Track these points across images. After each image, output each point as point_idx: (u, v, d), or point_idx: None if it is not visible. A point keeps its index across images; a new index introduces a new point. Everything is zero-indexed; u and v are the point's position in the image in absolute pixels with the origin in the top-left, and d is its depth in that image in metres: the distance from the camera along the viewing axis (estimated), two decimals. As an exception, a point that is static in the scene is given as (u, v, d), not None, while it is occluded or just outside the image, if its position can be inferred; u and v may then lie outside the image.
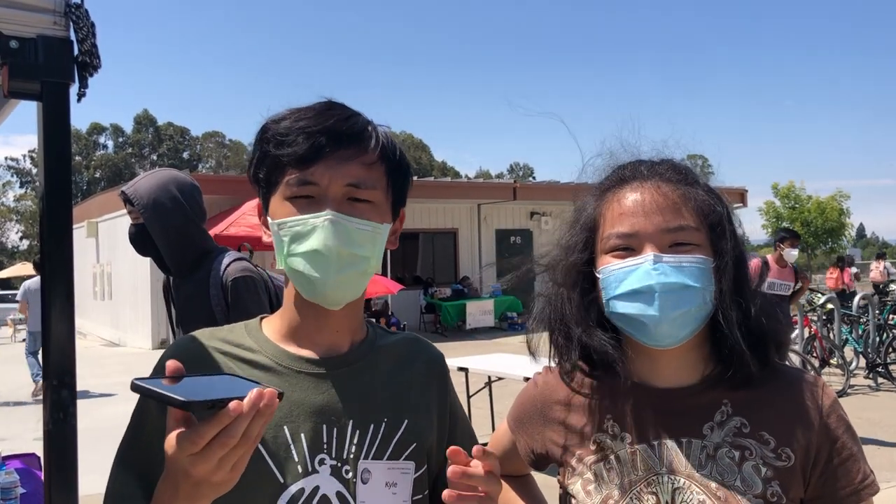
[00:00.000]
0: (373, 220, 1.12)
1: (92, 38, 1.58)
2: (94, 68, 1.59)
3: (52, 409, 1.47)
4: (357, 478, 1.10)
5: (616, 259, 1.15)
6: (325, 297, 1.11)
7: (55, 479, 1.48)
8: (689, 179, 1.18)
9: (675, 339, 1.13)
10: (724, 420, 1.14)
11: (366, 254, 1.11)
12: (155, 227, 2.68)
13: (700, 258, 1.12)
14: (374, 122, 1.16)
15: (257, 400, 0.81)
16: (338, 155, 1.09)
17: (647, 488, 1.14)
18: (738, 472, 1.10)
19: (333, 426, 1.11)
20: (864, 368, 10.11)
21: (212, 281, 2.62)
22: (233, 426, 0.80)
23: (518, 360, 7.40)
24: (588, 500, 1.18)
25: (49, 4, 1.53)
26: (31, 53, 1.50)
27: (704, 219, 1.15)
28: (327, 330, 1.18)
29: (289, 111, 1.13)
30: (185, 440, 0.80)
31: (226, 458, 0.81)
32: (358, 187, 1.10)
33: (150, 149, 72.55)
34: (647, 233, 1.13)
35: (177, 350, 1.16)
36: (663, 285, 1.10)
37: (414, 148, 76.54)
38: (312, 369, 1.14)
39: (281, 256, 1.12)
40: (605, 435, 1.20)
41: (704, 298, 1.12)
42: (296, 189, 1.10)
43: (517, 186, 19.72)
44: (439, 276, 19.12)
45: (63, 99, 1.54)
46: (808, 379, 1.19)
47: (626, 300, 1.13)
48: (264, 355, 1.15)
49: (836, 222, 26.08)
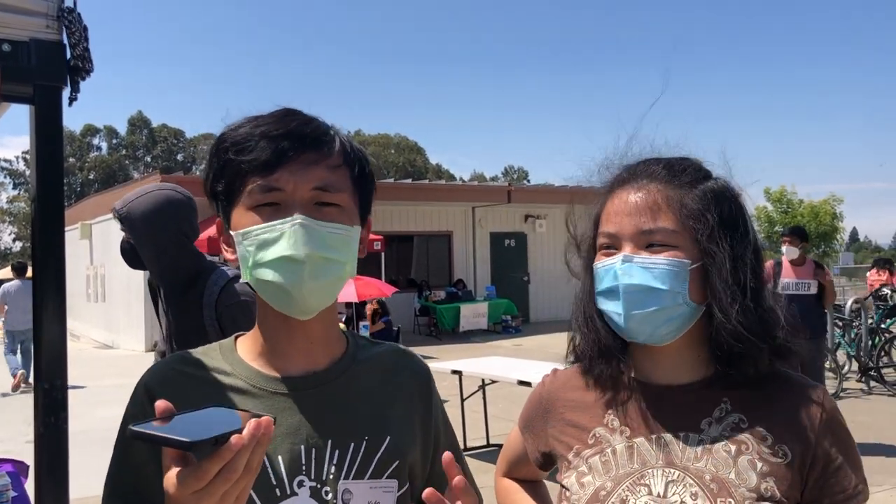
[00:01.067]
0: (343, 223, 1.08)
1: (84, 43, 1.58)
2: (87, 72, 1.59)
3: (43, 412, 1.47)
4: (338, 499, 1.07)
5: (603, 257, 1.19)
6: (298, 307, 1.07)
7: (46, 483, 1.47)
8: (681, 180, 1.19)
9: (652, 338, 1.15)
10: (722, 416, 1.15)
11: (341, 258, 1.07)
12: (146, 252, 2.65)
13: (672, 260, 1.13)
14: (335, 126, 1.14)
15: (256, 430, 0.80)
16: (302, 159, 1.05)
17: (640, 480, 1.14)
18: (733, 465, 1.10)
19: (312, 447, 1.08)
20: (857, 372, 10.14)
21: (205, 302, 2.58)
22: (235, 460, 0.79)
23: (512, 362, 7.41)
24: (581, 491, 1.18)
25: (42, 8, 1.54)
26: (23, 57, 1.51)
27: (688, 220, 1.15)
28: (301, 343, 1.14)
29: (246, 119, 1.09)
30: (190, 477, 0.79)
31: (229, 492, 0.81)
32: (325, 190, 1.07)
33: (144, 150, 72.37)
34: (626, 233, 1.16)
35: (152, 380, 1.12)
36: (626, 286, 1.13)
37: (409, 150, 76.52)
38: (288, 389, 1.11)
39: (246, 269, 1.07)
40: (605, 429, 1.22)
41: (675, 300, 1.13)
42: (259, 196, 1.05)
43: (512, 189, 19.69)
44: (434, 279, 19.11)
45: (55, 102, 1.55)
46: (810, 385, 1.19)
47: (604, 297, 1.18)
48: (238, 378, 1.12)
49: (829, 226, 26.14)
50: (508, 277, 20.06)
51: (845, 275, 27.50)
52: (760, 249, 1.21)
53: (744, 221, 1.19)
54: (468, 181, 42.72)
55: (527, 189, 21.06)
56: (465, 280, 19.26)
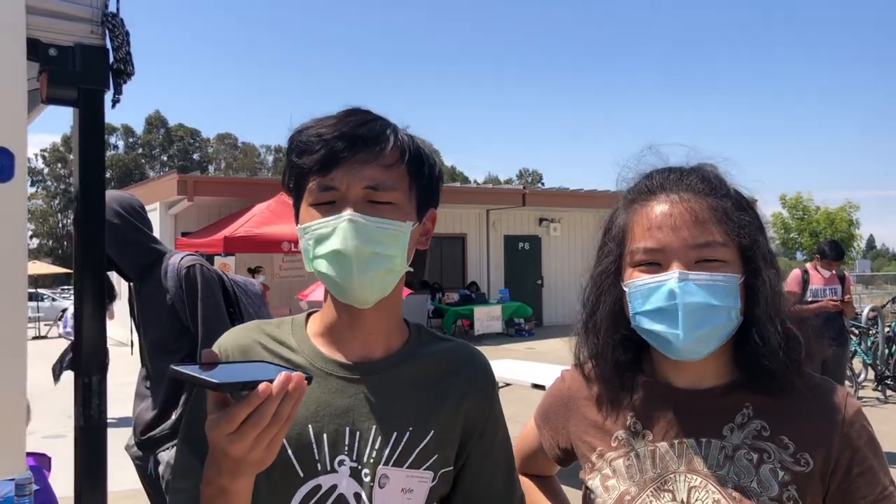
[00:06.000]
0: (396, 219, 1.13)
1: (127, 46, 1.64)
2: (129, 75, 1.65)
3: (83, 405, 1.52)
4: (375, 482, 1.12)
5: (642, 274, 1.15)
6: (352, 297, 1.13)
7: (85, 473, 1.52)
8: (718, 192, 1.16)
9: (699, 355, 1.14)
10: (744, 422, 1.15)
11: (389, 252, 1.13)
12: (109, 244, 2.77)
13: (726, 276, 1.11)
14: (395, 126, 1.18)
15: (285, 382, 0.88)
16: (355, 159, 1.11)
17: (664, 486, 1.15)
18: (755, 474, 1.10)
19: (356, 430, 1.14)
20: (873, 380, 10.07)
21: (169, 274, 2.81)
22: (263, 407, 0.87)
23: (526, 365, 7.41)
24: (606, 495, 1.20)
25: (86, 14, 1.59)
26: (68, 61, 1.56)
27: (733, 234, 1.13)
28: (360, 331, 1.20)
29: (312, 121, 1.16)
30: (222, 420, 0.88)
31: (260, 437, 0.88)
32: (376, 189, 1.12)
33: (160, 150, 72.88)
34: (673, 249, 1.12)
35: (226, 341, 1.21)
36: (687, 304, 1.09)
37: (423, 153, 76.33)
38: (342, 373, 1.18)
39: (308, 260, 1.15)
40: (627, 432, 1.22)
41: (730, 315, 1.12)
42: (318, 195, 1.13)
43: (526, 192, 19.68)
44: (447, 282, 19.12)
45: (98, 105, 1.59)
46: (833, 389, 1.18)
47: (651, 317, 1.13)
48: (301, 354, 1.19)
49: (846, 233, 25.93)
50: (522, 281, 20.03)
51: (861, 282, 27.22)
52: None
53: (765, 232, 1.19)
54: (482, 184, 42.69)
55: (541, 192, 21.04)
56: (479, 283, 19.25)
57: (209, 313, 2.76)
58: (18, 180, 1.26)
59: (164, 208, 16.11)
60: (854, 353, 10.12)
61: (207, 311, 2.75)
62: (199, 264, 2.86)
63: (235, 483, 0.94)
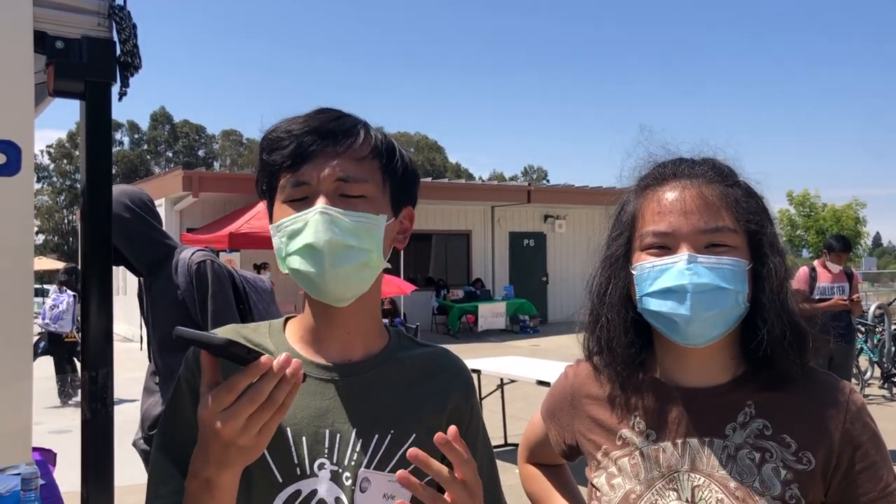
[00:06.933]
0: (367, 212, 1.11)
1: (134, 39, 1.63)
2: (136, 68, 1.64)
3: (90, 399, 1.52)
4: (356, 486, 1.09)
5: (651, 256, 1.16)
6: (327, 293, 1.11)
7: (92, 466, 1.52)
8: (729, 180, 1.18)
9: (705, 339, 1.14)
10: (746, 421, 1.15)
11: (364, 245, 1.10)
12: (118, 238, 2.77)
13: (735, 260, 1.13)
14: (366, 122, 1.17)
15: (286, 363, 0.89)
16: (325, 153, 1.10)
17: (668, 485, 1.16)
18: (757, 473, 1.11)
19: (336, 432, 1.11)
20: (879, 378, 10.05)
21: (179, 269, 2.82)
22: (262, 382, 0.88)
23: (531, 362, 7.42)
24: (612, 493, 1.21)
25: (93, 6, 1.58)
26: (75, 54, 1.55)
27: (742, 221, 1.15)
28: (338, 330, 1.17)
29: (283, 120, 1.14)
30: (222, 390, 0.88)
31: (253, 417, 0.88)
32: (347, 181, 1.10)
33: (165, 146, 73.02)
34: (683, 232, 1.14)
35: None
36: (696, 285, 1.10)
37: (428, 149, 76.54)
38: (320, 374, 1.15)
39: (281, 259, 1.12)
40: (631, 431, 1.22)
41: (737, 300, 1.13)
42: (290, 191, 1.11)
43: (531, 189, 19.66)
44: (452, 278, 19.13)
45: (105, 98, 1.59)
46: (837, 384, 1.18)
47: (659, 298, 1.14)
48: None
49: (852, 231, 25.84)
50: (527, 277, 20.05)
51: (868, 280, 27.18)
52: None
53: (773, 223, 1.20)
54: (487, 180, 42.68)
55: (547, 189, 21.00)
56: (484, 279, 19.27)
57: (219, 309, 2.76)
58: (26, 173, 1.26)
59: (170, 204, 16.15)
60: (860, 350, 10.11)
61: (218, 307, 2.76)
62: (210, 260, 2.86)
63: (222, 475, 0.92)
